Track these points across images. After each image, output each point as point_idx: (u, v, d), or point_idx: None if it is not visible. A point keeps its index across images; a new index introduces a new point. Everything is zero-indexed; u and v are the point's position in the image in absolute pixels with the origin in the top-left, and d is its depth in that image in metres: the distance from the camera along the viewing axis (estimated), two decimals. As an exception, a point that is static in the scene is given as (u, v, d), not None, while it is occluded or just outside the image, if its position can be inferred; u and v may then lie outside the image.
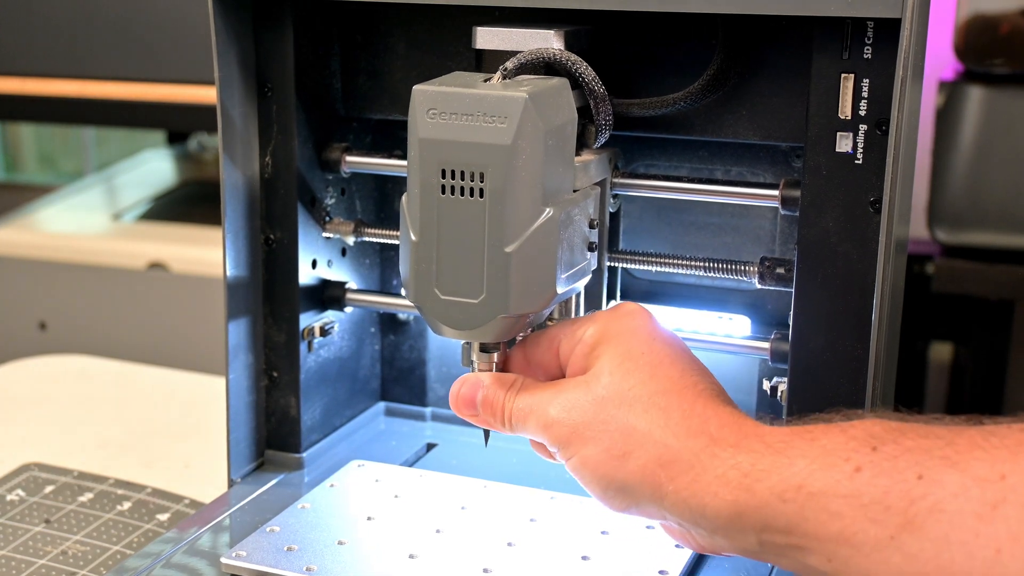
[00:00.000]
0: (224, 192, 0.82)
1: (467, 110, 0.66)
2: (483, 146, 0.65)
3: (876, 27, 0.71)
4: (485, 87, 0.67)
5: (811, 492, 0.57)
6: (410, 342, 0.98)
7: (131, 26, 1.90)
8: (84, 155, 3.17)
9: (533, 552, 0.76)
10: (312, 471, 0.90)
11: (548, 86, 0.68)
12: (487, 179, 0.65)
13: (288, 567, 0.73)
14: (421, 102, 0.67)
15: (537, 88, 0.67)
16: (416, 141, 0.67)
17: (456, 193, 0.66)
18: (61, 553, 0.86)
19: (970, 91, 1.62)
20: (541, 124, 0.66)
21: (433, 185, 0.67)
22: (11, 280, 1.95)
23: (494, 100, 0.65)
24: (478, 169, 0.65)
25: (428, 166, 0.67)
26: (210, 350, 1.74)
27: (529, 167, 0.66)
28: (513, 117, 0.65)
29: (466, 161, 0.66)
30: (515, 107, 0.65)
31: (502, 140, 0.65)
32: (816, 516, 0.57)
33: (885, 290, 0.70)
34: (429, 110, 0.66)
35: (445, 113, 0.66)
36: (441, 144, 0.66)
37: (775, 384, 0.80)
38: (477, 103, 0.65)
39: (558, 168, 0.68)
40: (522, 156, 0.65)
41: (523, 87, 0.66)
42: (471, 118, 0.65)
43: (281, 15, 0.83)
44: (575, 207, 0.70)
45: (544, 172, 0.66)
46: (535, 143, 0.66)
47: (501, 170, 0.65)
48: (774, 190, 0.77)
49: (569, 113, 0.70)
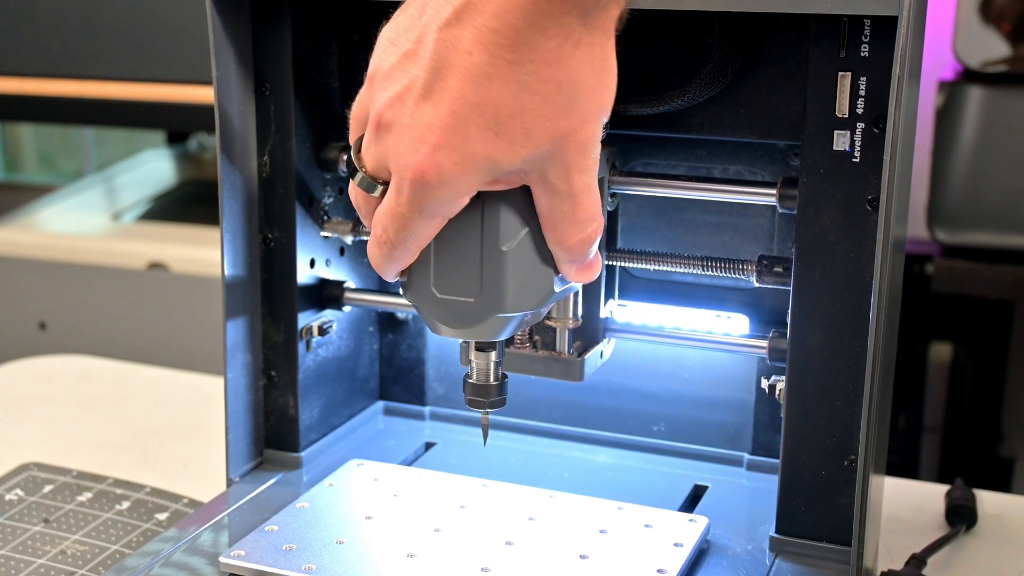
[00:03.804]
0: (222, 191, 0.82)
1: None
2: None
3: (873, 25, 0.71)
4: None
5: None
6: (408, 341, 0.98)
7: (131, 26, 1.90)
8: (84, 155, 3.17)
9: (532, 551, 0.76)
10: (311, 470, 0.90)
11: None
12: (484, 178, 0.65)
13: (287, 566, 0.73)
14: None
15: None
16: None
17: (453, 192, 0.66)
18: (60, 552, 0.86)
19: (970, 91, 1.62)
20: None
21: None
22: (11, 280, 1.96)
23: None
24: None
25: None
26: (209, 350, 1.74)
27: None
28: None
29: None
30: None
31: None
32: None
33: (883, 288, 0.70)
34: None
35: None
36: None
37: (773, 382, 0.80)
38: None
39: None
40: None
41: None
42: None
43: (279, 14, 0.83)
44: (573, 206, 0.70)
45: None
46: None
47: None
48: (772, 188, 0.77)
49: None
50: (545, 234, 0.64)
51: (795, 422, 0.78)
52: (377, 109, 0.61)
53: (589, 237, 0.64)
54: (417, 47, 0.59)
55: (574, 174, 0.61)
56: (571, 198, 0.62)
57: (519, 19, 0.55)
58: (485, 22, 0.56)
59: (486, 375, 0.72)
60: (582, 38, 0.57)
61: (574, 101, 0.58)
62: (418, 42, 0.59)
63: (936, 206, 1.66)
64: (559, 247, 0.64)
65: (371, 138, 0.62)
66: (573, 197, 0.62)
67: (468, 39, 0.56)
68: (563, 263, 0.65)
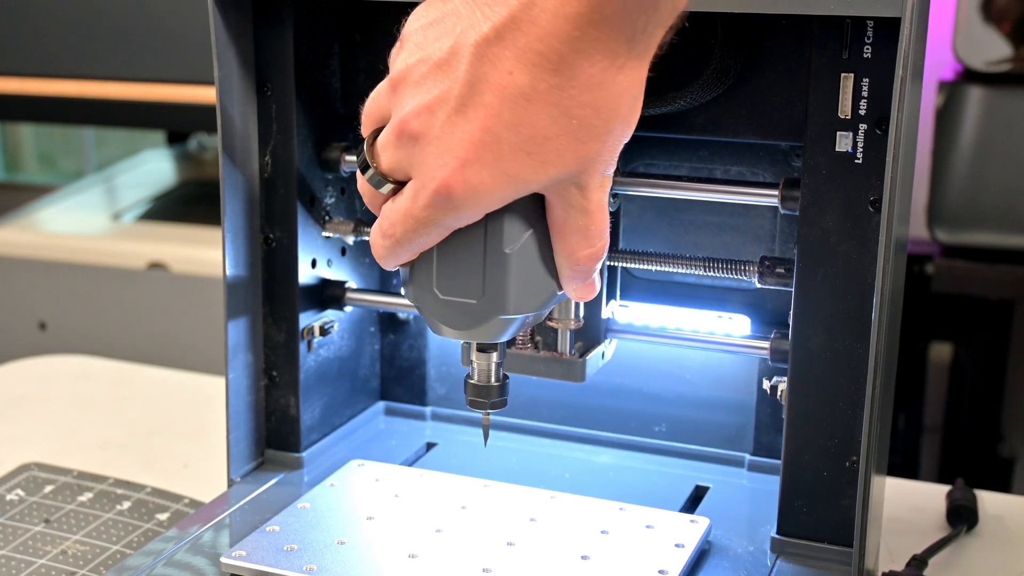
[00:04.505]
0: (223, 192, 0.82)
1: None
2: None
3: (876, 26, 0.71)
4: None
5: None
6: (410, 341, 0.98)
7: (131, 26, 1.90)
8: (84, 155, 3.17)
9: (533, 552, 0.76)
10: (312, 470, 0.90)
11: None
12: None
13: (288, 567, 0.73)
14: None
15: None
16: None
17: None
18: (61, 553, 0.86)
19: (970, 91, 1.62)
20: None
21: None
22: (11, 280, 1.96)
23: None
24: None
25: None
26: (210, 350, 1.74)
27: None
28: None
29: None
30: None
31: None
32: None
33: (885, 289, 0.70)
34: None
35: None
36: None
37: (775, 383, 0.80)
38: None
39: None
40: None
41: None
42: None
43: (281, 14, 0.83)
44: (575, 206, 0.70)
45: None
46: None
47: None
48: (774, 189, 0.77)
49: None
50: (555, 245, 0.63)
51: (797, 423, 0.78)
52: (403, 115, 0.60)
53: (597, 253, 0.64)
54: (451, 58, 0.58)
55: (594, 191, 0.61)
56: (587, 214, 0.61)
57: (564, 44, 0.55)
58: (529, 44, 0.55)
59: (487, 376, 0.72)
60: (626, 64, 0.56)
61: (609, 126, 0.58)
62: (451, 53, 0.58)
63: (936, 206, 1.66)
64: (567, 259, 0.64)
65: (392, 142, 0.61)
66: (589, 213, 0.61)
67: (509, 58, 0.55)
68: (567, 278, 0.65)
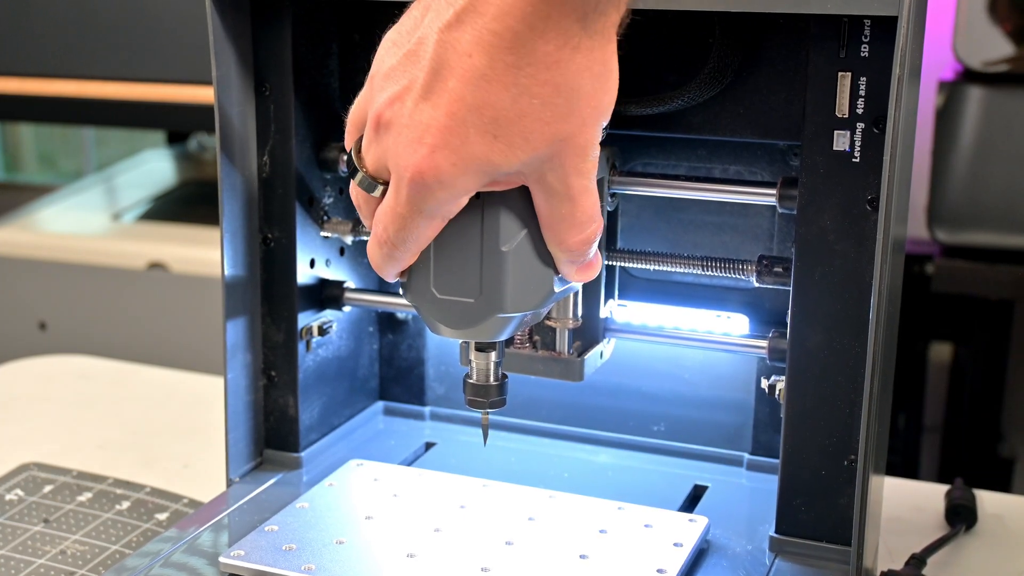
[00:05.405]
0: (222, 191, 0.82)
1: None
2: None
3: (873, 25, 0.71)
4: None
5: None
6: (408, 341, 0.98)
7: (131, 26, 1.90)
8: (84, 155, 3.17)
9: (532, 551, 0.76)
10: (311, 470, 0.90)
11: None
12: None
13: (287, 566, 0.73)
14: None
15: None
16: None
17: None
18: (60, 552, 0.86)
19: (970, 91, 1.62)
20: None
21: None
22: (11, 280, 1.96)
23: None
24: None
25: None
26: (209, 350, 1.74)
27: None
28: None
29: None
30: None
31: None
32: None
33: (883, 288, 0.70)
34: None
35: None
36: None
37: (773, 382, 0.80)
38: None
39: None
40: None
41: None
42: None
43: (279, 14, 0.83)
44: (573, 206, 0.70)
45: None
46: None
47: None
48: (772, 188, 0.77)
49: None
50: (544, 235, 0.64)
51: (795, 422, 0.78)
52: (376, 108, 0.61)
53: (588, 238, 0.64)
54: (418, 48, 0.59)
55: (572, 177, 0.61)
56: (569, 200, 0.62)
57: (518, 22, 0.55)
58: (485, 24, 0.56)
59: (486, 375, 0.72)
60: (581, 43, 0.57)
61: (573, 105, 0.58)
62: (419, 43, 0.59)
63: (936, 206, 1.66)
64: (558, 248, 0.64)
65: (371, 137, 0.62)
66: (571, 199, 0.62)
67: (468, 41, 0.56)
68: (562, 263, 0.65)
